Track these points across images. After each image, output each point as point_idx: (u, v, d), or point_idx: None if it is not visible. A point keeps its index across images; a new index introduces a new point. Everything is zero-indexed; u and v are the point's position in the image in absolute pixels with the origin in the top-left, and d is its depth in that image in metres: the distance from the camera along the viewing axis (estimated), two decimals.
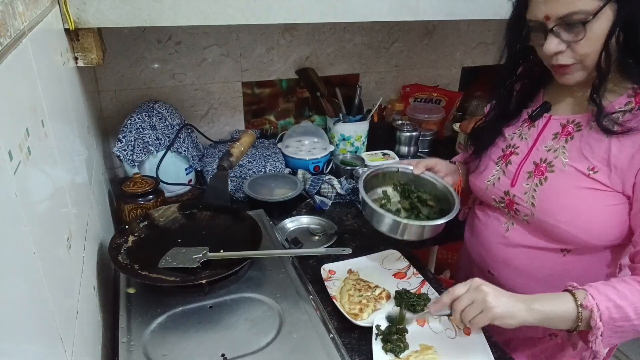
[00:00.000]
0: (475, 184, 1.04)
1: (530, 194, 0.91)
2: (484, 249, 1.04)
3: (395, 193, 1.11)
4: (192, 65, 1.54)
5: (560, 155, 0.88)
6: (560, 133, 0.90)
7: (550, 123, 0.93)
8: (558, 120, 0.92)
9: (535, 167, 0.92)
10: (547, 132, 0.93)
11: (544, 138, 0.93)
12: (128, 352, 0.73)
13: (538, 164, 0.91)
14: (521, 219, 0.94)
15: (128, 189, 1.14)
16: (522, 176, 0.93)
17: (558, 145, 0.90)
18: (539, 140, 0.93)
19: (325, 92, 1.67)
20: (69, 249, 0.65)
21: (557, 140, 0.90)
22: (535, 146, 0.93)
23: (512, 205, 0.95)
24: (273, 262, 0.95)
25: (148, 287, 0.86)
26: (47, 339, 0.49)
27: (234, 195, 1.41)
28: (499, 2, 1.26)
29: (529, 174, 0.92)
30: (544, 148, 0.92)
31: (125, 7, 0.93)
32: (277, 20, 1.05)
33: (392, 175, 1.12)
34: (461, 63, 1.98)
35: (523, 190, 0.92)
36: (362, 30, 1.73)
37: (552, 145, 0.91)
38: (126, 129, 1.30)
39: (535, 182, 0.91)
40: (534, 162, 0.92)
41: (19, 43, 0.53)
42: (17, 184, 0.45)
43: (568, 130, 0.89)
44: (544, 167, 0.90)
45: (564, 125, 0.90)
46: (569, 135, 0.89)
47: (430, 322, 0.91)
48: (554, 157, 0.89)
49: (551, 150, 0.90)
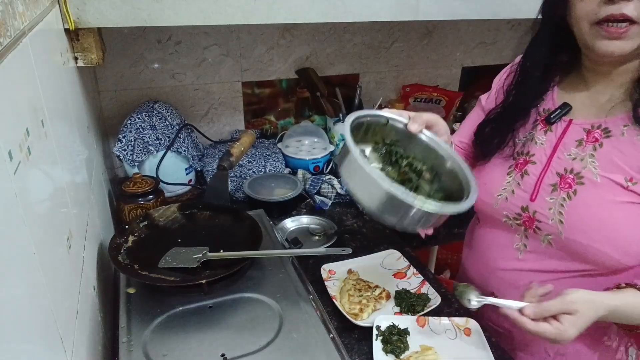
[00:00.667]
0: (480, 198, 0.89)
1: (557, 209, 0.80)
2: (488, 271, 0.94)
3: (376, 155, 0.79)
4: (192, 65, 1.54)
5: (590, 165, 0.78)
6: (585, 140, 0.80)
7: (572, 128, 0.82)
8: (580, 125, 0.81)
9: (560, 179, 0.81)
10: (568, 138, 0.82)
11: (566, 145, 0.82)
12: (128, 352, 0.73)
13: (563, 175, 0.80)
14: (541, 238, 0.83)
15: (128, 189, 1.14)
16: (543, 189, 0.82)
17: (585, 154, 0.79)
18: (560, 147, 0.82)
19: (325, 92, 1.67)
20: (69, 249, 0.65)
21: (582, 148, 0.80)
22: (555, 154, 0.82)
23: (532, 223, 0.84)
24: (273, 262, 0.95)
25: (148, 287, 0.86)
26: (47, 339, 0.49)
27: (234, 195, 1.41)
28: (499, 2, 1.26)
29: (553, 186, 0.81)
30: (566, 156, 0.81)
31: (125, 7, 0.93)
32: (277, 20, 1.05)
33: (376, 129, 0.79)
34: (461, 63, 1.98)
35: (547, 206, 0.81)
36: (362, 30, 1.73)
37: (576, 153, 0.80)
38: (126, 129, 1.30)
39: (562, 196, 0.80)
40: (557, 172, 0.81)
41: (19, 43, 0.53)
42: (17, 184, 0.45)
43: (594, 136, 0.79)
44: (572, 179, 0.79)
45: (588, 131, 0.80)
46: (597, 142, 0.78)
47: (430, 323, 0.91)
48: (582, 167, 0.79)
49: (577, 159, 0.80)
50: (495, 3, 1.25)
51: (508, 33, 1.97)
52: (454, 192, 0.74)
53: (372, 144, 0.80)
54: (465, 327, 0.90)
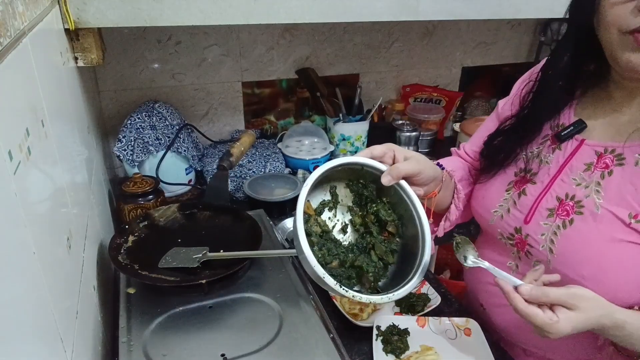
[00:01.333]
0: (477, 211, 0.88)
1: (549, 236, 0.74)
2: (479, 283, 0.92)
3: (348, 193, 0.78)
4: (192, 65, 1.54)
5: (594, 194, 0.71)
6: (594, 164, 0.72)
7: (582, 149, 0.74)
8: (592, 147, 0.73)
9: (559, 205, 0.74)
10: (577, 160, 0.75)
11: (573, 167, 0.75)
12: (128, 352, 0.73)
13: (563, 201, 0.74)
14: (532, 263, 0.79)
15: (128, 189, 1.14)
16: (539, 213, 0.77)
17: (591, 180, 0.72)
18: (566, 169, 0.75)
19: (325, 92, 1.67)
20: (69, 249, 0.65)
21: (589, 173, 0.72)
22: (559, 176, 0.76)
23: (524, 247, 0.79)
24: (273, 262, 0.95)
25: (148, 287, 0.86)
26: (47, 339, 0.49)
27: (234, 195, 1.41)
28: (498, 2, 1.26)
29: (550, 211, 0.75)
30: (571, 180, 0.74)
31: (125, 7, 0.93)
32: (277, 20, 1.05)
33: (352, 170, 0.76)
34: (461, 63, 1.98)
35: (540, 231, 0.76)
36: (362, 30, 1.73)
37: (582, 178, 0.73)
38: (126, 129, 1.30)
39: (557, 224, 0.74)
40: (558, 196, 0.75)
41: (19, 43, 0.53)
42: (17, 184, 0.45)
43: (605, 162, 0.71)
44: (571, 207, 0.73)
45: (600, 155, 0.72)
46: (607, 169, 0.71)
47: (430, 323, 0.91)
48: (585, 195, 0.72)
49: (581, 185, 0.73)
50: (495, 3, 1.25)
51: (508, 33, 1.97)
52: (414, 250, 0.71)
53: (346, 180, 0.77)
54: (466, 327, 0.90)
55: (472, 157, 0.99)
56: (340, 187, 0.77)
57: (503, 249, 0.85)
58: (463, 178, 0.93)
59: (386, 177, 0.70)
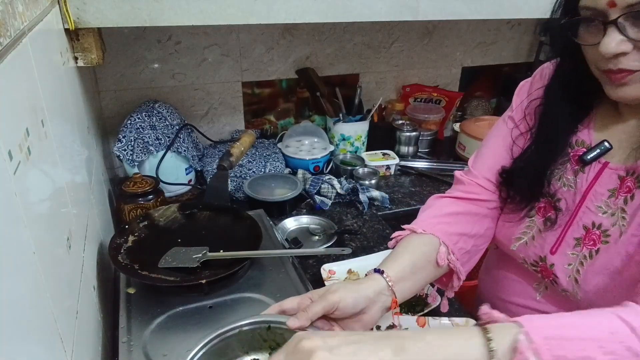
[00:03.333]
0: (496, 237, 0.82)
1: (575, 267, 0.70)
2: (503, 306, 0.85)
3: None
4: (192, 65, 1.54)
5: (620, 222, 0.66)
6: (618, 190, 0.67)
7: (605, 174, 0.69)
8: (615, 172, 0.68)
9: (586, 234, 0.70)
10: (599, 185, 0.69)
11: (596, 193, 0.69)
12: (128, 352, 0.73)
13: (590, 230, 0.69)
14: (559, 290, 0.74)
15: (128, 189, 1.14)
16: (566, 242, 0.71)
17: (616, 208, 0.67)
18: (590, 195, 0.70)
19: (325, 92, 1.67)
20: (69, 249, 0.65)
21: (614, 200, 0.67)
22: (584, 203, 0.71)
23: (549, 275, 0.74)
24: (273, 262, 0.95)
25: (148, 287, 0.86)
26: (47, 339, 0.49)
27: (234, 195, 1.41)
28: (499, 2, 1.26)
29: (577, 241, 0.71)
30: (596, 208, 0.69)
31: (125, 7, 0.93)
32: (277, 20, 1.05)
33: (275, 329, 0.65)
34: (461, 63, 1.98)
35: (566, 261, 0.71)
36: (362, 30, 1.73)
37: (608, 205, 0.68)
38: (126, 129, 1.30)
39: (583, 254, 0.69)
40: (584, 225, 0.70)
41: (19, 43, 0.53)
42: (17, 184, 0.45)
43: (628, 185, 0.66)
44: (597, 236, 0.68)
45: (622, 179, 0.67)
46: (629, 194, 0.66)
47: (430, 323, 0.91)
48: (612, 223, 0.67)
49: (607, 213, 0.68)
50: (495, 3, 1.25)
51: (508, 33, 1.97)
52: None
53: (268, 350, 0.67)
54: (465, 327, 0.90)
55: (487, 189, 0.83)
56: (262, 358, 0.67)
57: (526, 272, 0.80)
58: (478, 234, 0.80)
59: (293, 321, 0.60)
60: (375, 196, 1.41)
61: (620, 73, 0.61)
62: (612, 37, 0.58)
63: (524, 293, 0.81)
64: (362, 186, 1.42)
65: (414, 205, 1.43)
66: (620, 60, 0.60)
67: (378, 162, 1.59)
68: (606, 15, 0.59)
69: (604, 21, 0.59)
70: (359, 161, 1.60)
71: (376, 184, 1.49)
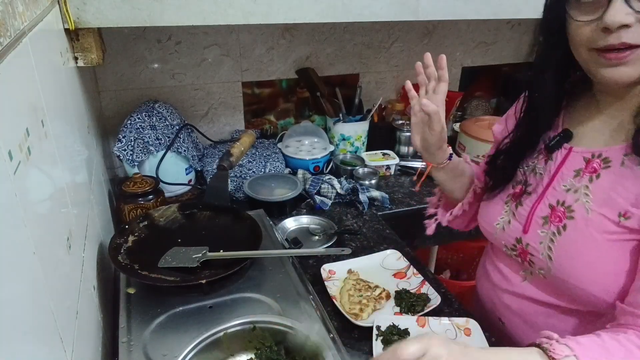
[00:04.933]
0: (482, 226, 0.90)
1: (547, 244, 0.75)
2: (496, 296, 0.91)
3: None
4: (192, 65, 1.54)
5: (583, 198, 0.72)
6: (583, 170, 0.73)
7: (571, 157, 0.76)
8: (580, 154, 0.75)
9: (552, 211, 0.76)
10: (566, 167, 0.76)
11: (563, 175, 0.76)
12: (128, 352, 0.73)
13: (555, 207, 0.75)
14: (537, 271, 0.79)
15: (128, 189, 1.14)
16: (535, 222, 0.78)
17: (580, 185, 0.73)
18: (557, 177, 0.77)
19: (325, 92, 1.67)
20: (69, 249, 0.65)
21: (579, 179, 0.73)
22: (551, 185, 0.77)
23: (526, 256, 0.80)
24: (273, 262, 0.95)
25: (148, 287, 0.86)
26: (47, 339, 0.49)
27: (234, 195, 1.41)
28: (499, 2, 1.26)
29: (544, 219, 0.77)
30: (562, 187, 0.76)
31: (125, 7, 0.93)
32: (277, 20, 1.05)
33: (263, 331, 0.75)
34: (461, 63, 1.98)
35: (538, 239, 0.77)
36: (362, 30, 1.73)
37: (572, 184, 0.74)
38: (126, 129, 1.30)
39: (552, 231, 0.75)
40: (550, 204, 0.77)
41: (19, 43, 0.53)
42: (17, 184, 0.45)
43: (593, 166, 0.72)
44: (562, 212, 0.74)
45: (588, 160, 0.73)
46: (595, 173, 0.71)
47: (430, 323, 0.91)
48: (574, 199, 0.73)
49: (571, 190, 0.74)
50: (495, 3, 1.25)
51: (508, 33, 1.97)
52: None
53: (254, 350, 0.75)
54: (465, 327, 0.90)
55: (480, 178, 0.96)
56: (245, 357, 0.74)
57: (511, 261, 0.86)
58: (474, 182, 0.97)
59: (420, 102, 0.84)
60: (375, 196, 1.41)
61: (622, 51, 0.62)
62: (618, 8, 0.59)
63: (510, 280, 0.86)
64: (362, 186, 1.42)
65: (414, 205, 1.43)
66: (621, 35, 0.61)
67: (378, 162, 1.59)
68: None
69: None
70: (359, 161, 1.60)
71: (376, 184, 1.49)
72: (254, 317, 0.72)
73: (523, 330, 0.86)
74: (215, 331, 0.72)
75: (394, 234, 1.26)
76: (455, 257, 2.08)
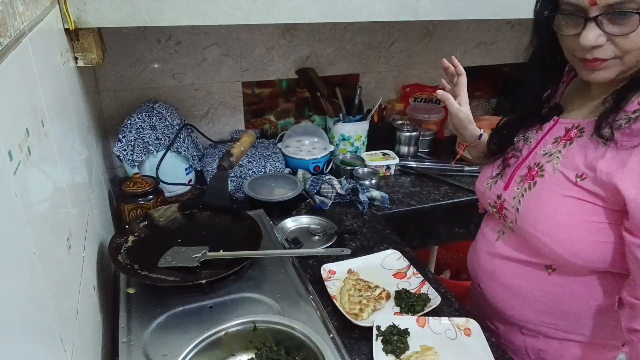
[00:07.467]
0: (477, 187, 1.01)
1: (518, 198, 0.86)
2: (477, 260, 1.00)
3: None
4: (192, 65, 1.54)
5: (554, 160, 0.82)
6: (561, 137, 0.83)
7: (556, 127, 0.86)
8: (564, 125, 0.85)
9: (528, 171, 0.87)
10: (550, 135, 0.86)
11: (545, 142, 0.87)
12: (128, 352, 0.73)
13: (531, 168, 0.86)
14: (508, 226, 0.90)
15: (128, 189, 1.14)
16: (514, 180, 0.89)
17: (555, 150, 0.83)
18: (540, 143, 0.87)
19: (325, 92, 1.67)
20: (69, 249, 0.65)
21: (555, 145, 0.84)
22: (535, 150, 0.88)
23: (502, 210, 0.90)
24: (273, 262, 0.95)
25: (148, 287, 0.86)
26: (47, 339, 0.49)
27: (234, 195, 1.41)
28: (499, 2, 1.26)
29: (522, 178, 0.88)
30: (542, 152, 0.86)
31: (125, 7, 0.93)
32: (277, 20, 1.05)
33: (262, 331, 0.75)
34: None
35: (512, 195, 0.88)
36: (362, 30, 1.73)
37: (549, 149, 0.85)
38: (126, 129, 1.30)
39: (524, 187, 0.86)
40: (529, 166, 0.87)
41: (19, 43, 0.53)
42: (17, 184, 0.45)
43: (570, 135, 0.82)
44: (535, 172, 0.85)
45: (567, 130, 0.83)
46: (569, 141, 0.82)
47: (430, 323, 0.91)
48: (547, 161, 0.83)
49: (547, 154, 0.84)
50: (495, 3, 1.25)
51: (508, 33, 1.97)
52: None
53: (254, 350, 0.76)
54: (465, 327, 0.90)
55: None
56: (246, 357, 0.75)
57: (493, 220, 0.97)
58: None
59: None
60: (375, 196, 1.41)
61: (596, 61, 0.72)
62: (592, 31, 0.69)
63: (488, 241, 0.97)
64: (362, 186, 1.42)
65: (414, 205, 1.43)
66: (594, 52, 0.71)
67: (378, 162, 1.59)
68: (587, 11, 0.69)
69: (585, 17, 0.69)
70: (359, 161, 1.60)
71: (376, 184, 1.49)
72: (255, 317, 0.73)
73: (497, 292, 0.95)
74: (216, 331, 0.72)
75: (394, 234, 1.26)
76: (455, 257, 2.08)
